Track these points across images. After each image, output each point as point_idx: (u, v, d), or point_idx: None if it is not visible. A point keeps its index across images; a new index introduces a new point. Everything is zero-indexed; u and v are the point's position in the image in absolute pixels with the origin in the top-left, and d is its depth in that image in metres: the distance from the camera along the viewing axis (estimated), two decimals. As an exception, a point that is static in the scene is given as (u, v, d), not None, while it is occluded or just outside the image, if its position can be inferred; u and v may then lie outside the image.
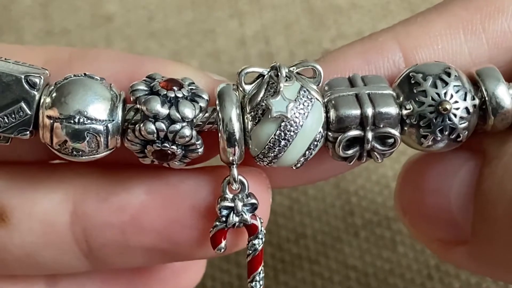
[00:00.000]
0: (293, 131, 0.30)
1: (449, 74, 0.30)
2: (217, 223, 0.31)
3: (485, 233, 0.31)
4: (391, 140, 0.30)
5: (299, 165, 0.31)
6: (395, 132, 0.30)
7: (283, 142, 0.30)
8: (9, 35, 0.57)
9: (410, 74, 0.31)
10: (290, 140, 0.30)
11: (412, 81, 0.30)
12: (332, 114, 0.30)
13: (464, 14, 0.32)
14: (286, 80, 0.30)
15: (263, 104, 0.30)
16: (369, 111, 0.30)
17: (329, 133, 0.30)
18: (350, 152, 0.31)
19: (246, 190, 0.31)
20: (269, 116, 0.29)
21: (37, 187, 0.32)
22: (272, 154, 0.30)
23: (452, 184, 0.32)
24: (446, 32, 0.32)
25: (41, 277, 0.36)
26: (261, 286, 0.32)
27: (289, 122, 0.29)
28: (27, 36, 0.57)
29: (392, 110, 0.30)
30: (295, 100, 0.30)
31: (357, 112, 0.30)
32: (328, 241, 0.47)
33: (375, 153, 0.31)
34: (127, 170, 0.33)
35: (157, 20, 0.58)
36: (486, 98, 0.30)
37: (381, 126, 0.30)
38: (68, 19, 0.58)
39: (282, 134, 0.30)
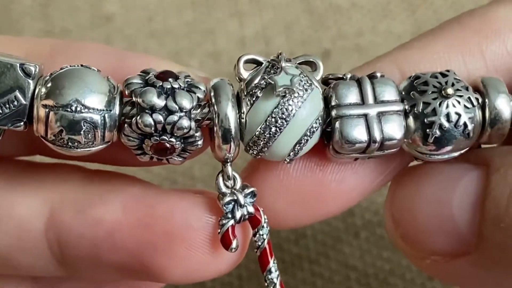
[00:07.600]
0: (285, 119, 0.29)
1: (448, 71, 0.31)
2: (224, 221, 0.30)
3: (498, 239, 0.30)
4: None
5: (289, 159, 0.31)
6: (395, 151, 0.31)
7: (273, 129, 0.29)
8: (9, 35, 0.57)
9: (411, 78, 0.31)
10: (281, 128, 0.29)
11: (413, 79, 0.31)
12: (337, 135, 0.30)
13: (462, 37, 0.32)
14: (287, 61, 0.30)
15: (263, 82, 0.29)
16: (378, 138, 0.30)
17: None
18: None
19: (239, 183, 0.31)
20: (274, 92, 0.29)
21: (16, 189, 0.32)
22: (262, 142, 0.30)
23: (454, 194, 0.31)
24: (444, 55, 0.32)
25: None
26: (279, 276, 0.32)
27: (284, 107, 0.29)
28: (27, 36, 0.57)
29: (398, 134, 0.30)
30: (299, 74, 0.29)
31: (363, 145, 0.30)
32: (328, 241, 0.47)
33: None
34: (108, 181, 0.32)
35: (157, 20, 0.58)
36: (487, 108, 0.30)
37: (384, 151, 0.31)
38: (68, 19, 0.58)
39: (278, 116, 0.29)
